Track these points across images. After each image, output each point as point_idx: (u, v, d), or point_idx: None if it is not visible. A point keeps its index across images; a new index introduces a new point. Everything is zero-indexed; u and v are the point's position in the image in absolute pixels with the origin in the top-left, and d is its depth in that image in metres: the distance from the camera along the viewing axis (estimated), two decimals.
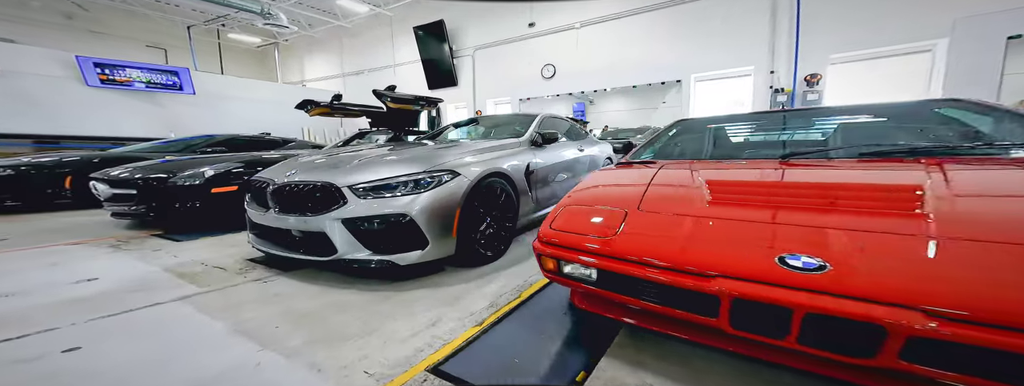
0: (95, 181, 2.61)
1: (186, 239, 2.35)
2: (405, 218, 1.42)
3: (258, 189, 1.74)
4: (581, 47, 6.54)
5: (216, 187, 2.59)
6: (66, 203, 3.44)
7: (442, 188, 1.52)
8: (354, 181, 1.50)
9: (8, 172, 3.16)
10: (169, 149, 4.35)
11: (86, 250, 2.09)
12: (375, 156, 1.77)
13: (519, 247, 2.01)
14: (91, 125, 6.10)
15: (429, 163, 1.60)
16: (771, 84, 5.12)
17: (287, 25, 7.01)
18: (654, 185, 1.14)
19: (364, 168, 1.59)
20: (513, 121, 3.11)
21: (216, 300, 1.40)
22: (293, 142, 5.55)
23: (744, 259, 0.72)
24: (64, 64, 5.91)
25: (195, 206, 2.53)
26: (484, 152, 1.89)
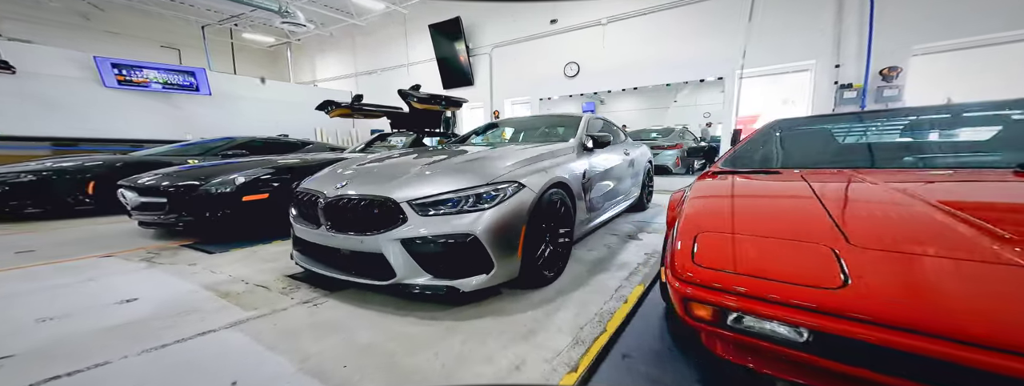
0: (123, 189, 2.56)
1: (218, 251, 2.28)
2: (469, 238, 1.30)
3: (306, 202, 1.63)
4: (608, 44, 6.34)
5: (247, 195, 2.52)
6: (87, 210, 3.41)
7: (507, 203, 1.40)
8: (413, 195, 1.38)
9: (30, 178, 3.14)
10: (190, 152, 4.33)
11: (119, 264, 2.03)
12: (428, 164, 1.66)
13: (574, 264, 1.90)
14: (108, 127, 6.14)
15: (488, 173, 1.48)
16: (836, 79, 4.67)
17: (305, 23, 6.98)
18: (828, 206, 0.92)
19: (421, 180, 1.47)
20: (552, 123, 2.98)
21: (269, 327, 1.30)
22: (311, 144, 5.52)
23: None
24: (82, 65, 5.96)
25: (226, 215, 2.47)
26: (540, 160, 1.76)
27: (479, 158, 1.71)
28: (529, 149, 1.90)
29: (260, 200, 2.56)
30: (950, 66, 4.50)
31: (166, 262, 2.07)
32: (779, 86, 6.66)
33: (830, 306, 0.65)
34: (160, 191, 2.45)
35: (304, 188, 1.70)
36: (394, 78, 9.95)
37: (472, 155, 1.80)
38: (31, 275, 1.86)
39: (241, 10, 7.87)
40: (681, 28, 5.72)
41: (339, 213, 1.48)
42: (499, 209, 1.37)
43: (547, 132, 2.85)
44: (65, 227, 3.03)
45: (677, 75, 5.85)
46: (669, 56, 5.84)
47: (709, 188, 1.26)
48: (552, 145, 2.06)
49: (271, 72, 12.11)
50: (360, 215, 1.43)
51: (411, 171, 1.57)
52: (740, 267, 0.78)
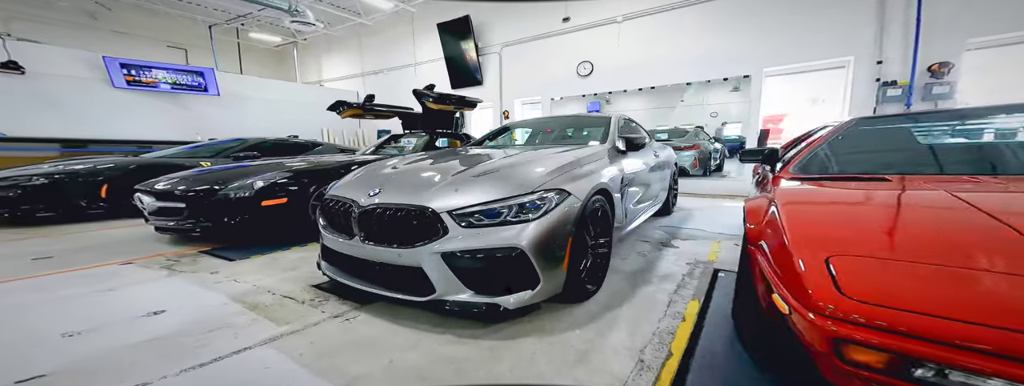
0: (140, 193, 2.52)
1: (238, 257, 2.24)
2: (515, 252, 1.24)
3: (337, 211, 1.56)
4: (623, 42, 6.24)
5: (266, 200, 2.47)
6: (99, 213, 3.38)
7: (553, 213, 1.33)
8: (453, 205, 1.30)
9: (42, 181, 3.11)
10: (202, 154, 4.30)
11: (140, 272, 1.99)
12: (461, 171, 1.58)
13: (612, 274, 1.83)
14: (117, 128, 6.13)
15: (529, 181, 1.40)
16: (877, 76, 4.40)
17: (314, 22, 6.95)
18: (1013, 223, 0.76)
19: (459, 188, 1.39)
20: (577, 123, 2.90)
21: (305, 345, 1.25)
22: (321, 146, 5.49)
23: None
24: (91, 65, 5.95)
25: (245, 220, 2.42)
26: (578, 165, 1.67)
27: (515, 163, 1.64)
28: (563, 153, 1.82)
29: (279, 205, 2.52)
30: (1011, 61, 4.16)
31: (187, 270, 2.02)
32: (807, 84, 6.48)
33: None
34: (178, 196, 2.40)
35: (335, 195, 1.62)
36: (401, 78, 9.92)
37: (505, 160, 1.73)
38: (51, 284, 1.82)
39: (249, 9, 7.86)
40: (702, 25, 5.56)
41: (374, 223, 1.41)
42: (545, 220, 1.30)
43: (571, 134, 2.77)
44: (79, 231, 2.99)
45: (697, 73, 5.68)
46: (689, 54, 5.71)
47: (804, 197, 1.12)
48: (585, 148, 1.99)
49: (277, 72, 12.12)
50: (396, 225, 1.36)
51: (446, 178, 1.50)
52: (924, 303, 0.62)
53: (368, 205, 1.42)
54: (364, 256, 1.44)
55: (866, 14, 4.49)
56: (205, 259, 2.22)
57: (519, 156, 1.80)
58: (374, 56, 10.28)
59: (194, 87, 6.90)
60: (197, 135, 6.76)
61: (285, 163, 3.00)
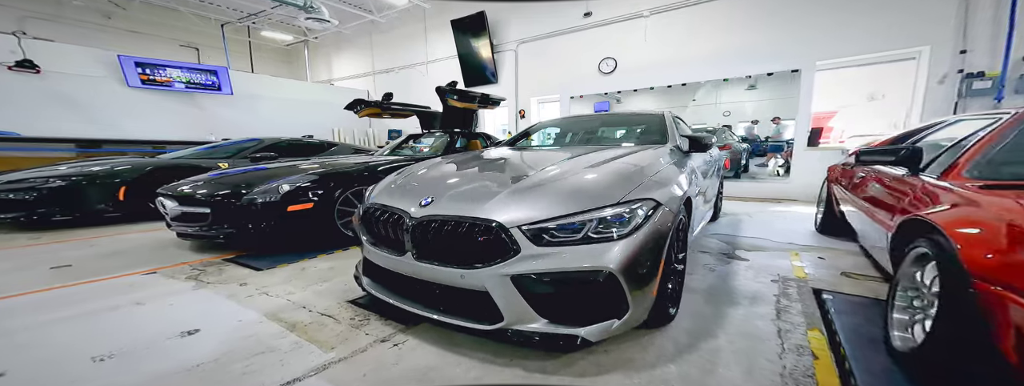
0: (163, 197, 2.43)
1: (265, 266, 2.13)
2: (603, 275, 1.06)
3: (383, 221, 1.39)
4: (650, 37, 6.04)
5: (292, 205, 2.36)
6: (115, 217, 3.31)
7: (645, 228, 1.14)
8: (525, 218, 1.12)
9: (58, 183, 3.05)
10: (219, 155, 4.23)
11: (165, 283, 1.88)
12: (523, 177, 1.41)
13: (687, 294, 1.67)
14: (132, 127, 6.13)
15: (609, 190, 1.22)
16: (960, 67, 3.97)
17: (329, 19, 6.89)
18: None
19: (528, 197, 1.22)
20: (624, 122, 2.66)
21: (357, 377, 1.12)
22: (336, 145, 5.40)
23: None
24: (106, 64, 5.95)
25: (271, 227, 2.31)
26: (655, 170, 1.47)
27: (583, 169, 1.45)
28: (628, 156, 1.64)
29: (305, 210, 2.40)
30: None
31: (214, 281, 1.91)
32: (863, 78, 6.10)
33: None
34: (202, 200, 2.30)
35: (379, 203, 1.44)
36: (412, 76, 9.84)
37: (567, 164, 1.54)
38: (74, 297, 1.72)
39: (262, 7, 7.84)
40: (740, 17, 5.26)
41: (429, 237, 1.24)
42: (637, 236, 1.12)
43: (620, 134, 2.54)
44: (96, 236, 2.92)
45: (735, 69, 5.36)
46: (725, 49, 5.42)
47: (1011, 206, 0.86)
48: (648, 150, 1.80)
49: (287, 71, 12.15)
50: (456, 241, 1.19)
51: (506, 185, 1.33)
52: None
53: (421, 217, 1.25)
54: (416, 275, 1.27)
55: None
56: (231, 268, 2.12)
57: (580, 160, 1.63)
58: (385, 54, 10.22)
59: (208, 86, 6.89)
60: (211, 135, 6.74)
61: (307, 165, 2.89)
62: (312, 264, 2.18)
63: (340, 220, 2.57)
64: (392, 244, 1.36)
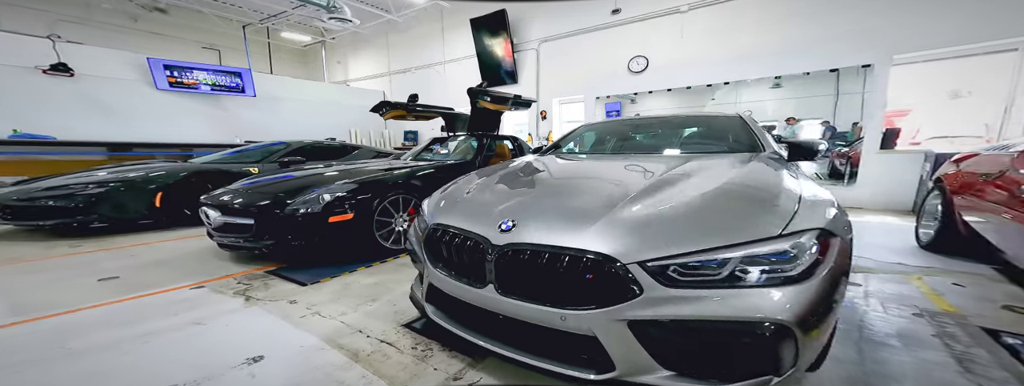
0: (206, 207, 2.40)
1: (308, 280, 2.09)
2: (770, 327, 0.83)
3: (456, 246, 1.21)
4: (688, 34, 5.80)
5: (333, 216, 2.30)
6: (147, 223, 3.34)
7: (824, 266, 0.91)
8: (643, 251, 0.92)
9: (98, 190, 3.08)
10: (248, 159, 4.25)
11: (216, 300, 1.84)
12: (632, 193, 1.18)
13: None
14: (160, 130, 6.26)
15: (759, 214, 1.00)
16: None
17: (351, 19, 6.91)
18: None
19: (644, 222, 1.01)
20: (693, 125, 2.36)
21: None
22: (359, 148, 5.39)
23: None
24: (135, 66, 6.09)
25: (312, 239, 2.26)
26: (791, 184, 1.22)
27: (709, 186, 1.21)
28: (744, 167, 1.40)
29: (345, 221, 2.35)
30: None
31: (263, 297, 1.87)
32: (943, 74, 5.58)
33: None
34: (247, 211, 2.26)
35: (446, 225, 1.27)
36: (429, 77, 9.82)
37: (681, 179, 1.29)
38: (130, 314, 1.69)
39: (284, 7, 7.92)
40: (801, 7, 4.81)
41: (518, 270, 1.05)
42: (814, 279, 0.88)
43: (691, 138, 2.20)
44: (134, 244, 2.94)
45: (792, 65, 4.89)
46: (776, 43, 5.05)
47: None
48: (755, 160, 1.54)
49: (303, 72, 12.31)
50: (556, 277, 0.99)
51: (608, 206, 1.11)
52: None
53: (506, 245, 1.07)
54: (499, 310, 1.09)
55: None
56: (276, 283, 2.07)
57: (681, 174, 1.37)
58: (401, 55, 10.24)
59: (232, 88, 6.99)
60: (236, 138, 6.84)
61: (341, 172, 2.84)
62: (355, 279, 2.12)
63: (378, 231, 2.51)
64: (467, 273, 1.18)
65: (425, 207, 1.56)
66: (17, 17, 7.13)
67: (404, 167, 3.04)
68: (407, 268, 2.31)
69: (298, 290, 1.97)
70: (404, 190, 2.71)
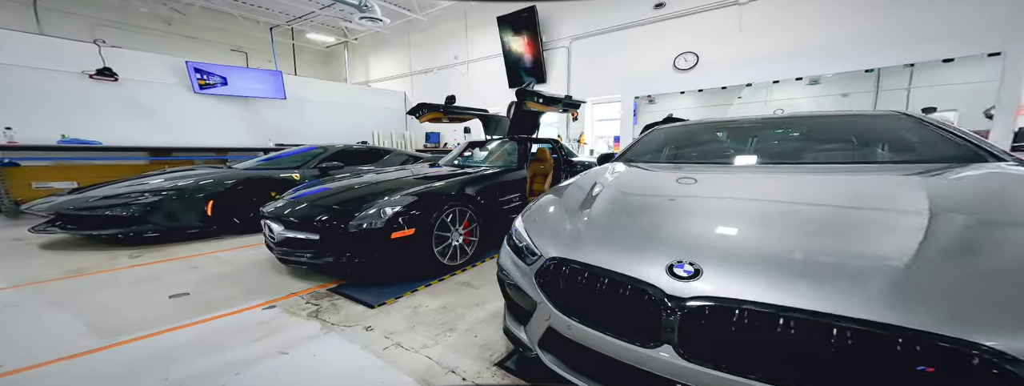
0: (269, 221, 2.38)
1: (373, 300, 2.04)
2: None
3: (602, 291, 0.96)
4: (747, 27, 5.40)
5: (395, 231, 2.23)
6: (196, 233, 3.37)
7: None
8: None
9: (153, 199, 3.12)
10: (288, 164, 4.27)
11: (291, 324, 1.81)
12: (929, 231, 0.86)
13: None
14: (197, 134, 6.42)
15: None
16: None
17: (382, 18, 6.92)
18: None
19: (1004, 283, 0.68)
20: (835, 126, 1.90)
21: None
22: (392, 152, 5.37)
23: None
24: (174, 70, 6.25)
25: (374, 256, 2.20)
26: None
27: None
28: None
29: (407, 237, 2.27)
30: None
31: (337, 321, 1.82)
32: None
33: None
34: (312, 226, 2.22)
35: (575, 260, 1.04)
36: (451, 77, 9.78)
37: (946, 206, 0.97)
38: (211, 338, 1.67)
39: (311, 9, 7.99)
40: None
41: (727, 334, 0.78)
42: None
43: (839, 144, 1.79)
44: (190, 255, 2.97)
45: (881, 57, 4.35)
46: (863, 32, 4.60)
47: None
48: (1005, 170, 1.24)
49: (325, 73, 12.48)
50: (820, 353, 0.70)
51: (905, 250, 0.79)
52: None
53: (697, 300, 0.81)
54: (680, 379, 0.83)
55: None
56: (344, 304, 2.02)
57: (952, 197, 1.06)
58: (423, 54, 10.24)
59: (265, 91, 7.11)
60: (268, 141, 6.96)
61: (392, 181, 2.77)
62: (420, 301, 2.05)
63: (437, 247, 2.43)
64: (620, 326, 0.93)
65: (522, 229, 1.33)
66: (58, 22, 7.43)
67: (457, 176, 2.95)
68: (468, 288, 2.23)
69: (368, 313, 1.91)
70: (460, 201, 2.62)
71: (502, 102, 8.87)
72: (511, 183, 3.23)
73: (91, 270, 2.54)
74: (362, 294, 2.13)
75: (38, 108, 5.06)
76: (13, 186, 4.42)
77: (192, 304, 2.01)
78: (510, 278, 1.26)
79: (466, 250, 2.66)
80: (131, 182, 3.48)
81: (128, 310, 1.94)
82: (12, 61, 4.89)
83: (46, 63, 5.12)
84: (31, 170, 4.54)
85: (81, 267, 2.60)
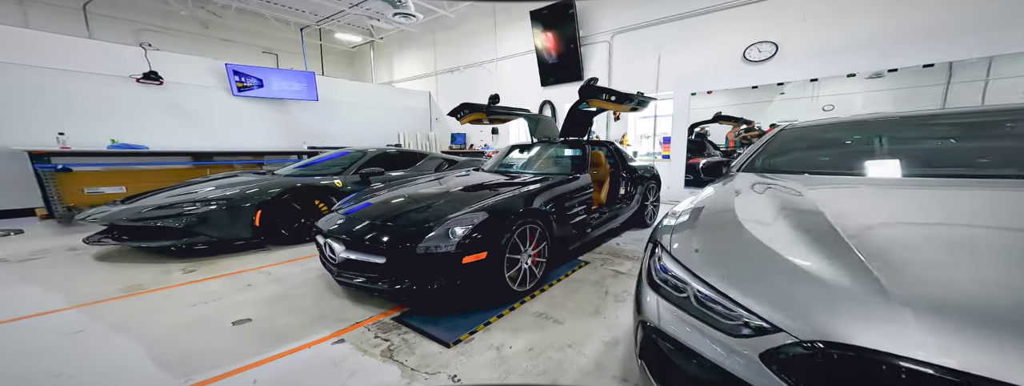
0: (329, 239, 2.24)
1: (446, 336, 1.85)
2: None
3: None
4: (847, 10, 4.80)
5: (468, 255, 2.02)
6: (242, 244, 3.31)
7: None
8: None
9: (203, 209, 3.07)
10: (328, 169, 4.18)
11: (368, 365, 1.65)
12: None
13: None
14: (236, 137, 6.53)
15: None
16: None
17: (415, 14, 6.81)
18: None
19: None
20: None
21: None
22: (426, 155, 5.23)
23: None
24: (214, 72, 6.36)
25: (445, 284, 2.00)
26: None
27: None
28: None
29: (478, 262, 2.06)
30: None
31: (416, 366, 1.64)
32: None
33: None
34: (376, 247, 2.05)
35: (886, 352, 0.66)
36: (478, 75, 9.60)
37: None
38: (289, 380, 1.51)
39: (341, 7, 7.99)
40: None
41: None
42: None
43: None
44: (241, 269, 2.90)
45: None
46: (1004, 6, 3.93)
47: None
48: None
49: (350, 74, 12.60)
50: None
51: None
52: None
53: None
54: None
55: None
56: (416, 340, 1.85)
57: None
58: (448, 53, 10.11)
59: (298, 92, 7.16)
60: (302, 144, 7.01)
61: (449, 192, 2.57)
62: (501, 339, 1.84)
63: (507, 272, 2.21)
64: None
65: (717, 281, 0.92)
66: (106, 26, 7.77)
67: (520, 186, 2.71)
68: (551, 323, 2.01)
69: (447, 356, 1.71)
70: (530, 217, 2.38)
71: (532, 101, 8.63)
72: (578, 193, 2.97)
73: (148, 287, 2.49)
74: (431, 327, 1.94)
75: (87, 112, 5.23)
76: (66, 192, 4.57)
77: (257, 333, 1.88)
78: (688, 351, 0.89)
79: (535, 273, 2.43)
80: (179, 191, 3.46)
81: (194, 339, 1.84)
82: (64, 66, 5.06)
83: (96, 67, 5.29)
84: (82, 175, 4.68)
85: (138, 283, 2.56)
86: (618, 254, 3.25)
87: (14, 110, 4.71)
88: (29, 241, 3.71)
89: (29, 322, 1.98)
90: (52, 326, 1.94)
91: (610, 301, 2.27)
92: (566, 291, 2.43)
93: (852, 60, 4.79)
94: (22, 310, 2.11)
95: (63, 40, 5.11)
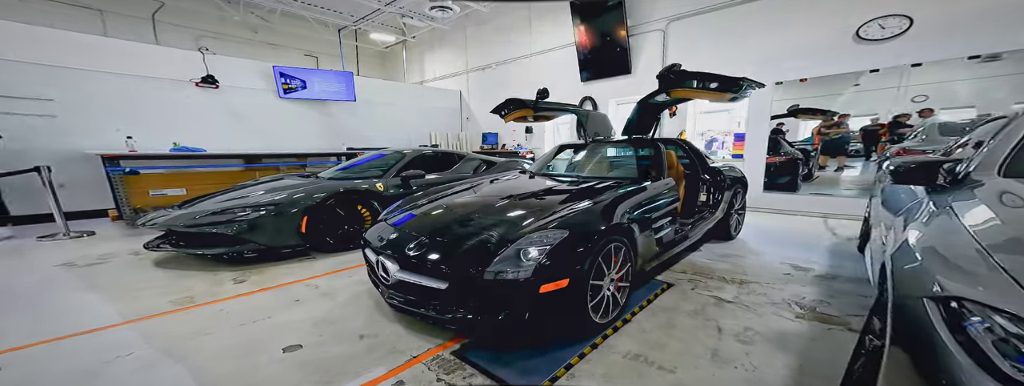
0: (381, 257, 1.98)
1: (523, 382, 1.48)
2: None
3: None
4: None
5: (546, 283, 1.66)
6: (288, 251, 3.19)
7: None
8: None
9: (252, 215, 2.98)
10: (370, 174, 4.01)
11: None
12: None
13: None
14: (281, 139, 6.69)
15: None
16: None
17: (452, 7, 6.59)
18: None
19: None
20: None
21: None
22: (463, 156, 4.94)
23: None
24: (263, 75, 6.53)
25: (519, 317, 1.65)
26: None
27: None
28: None
29: (558, 290, 1.69)
30: None
31: None
32: None
33: None
34: (439, 271, 1.75)
35: None
36: (510, 72, 9.21)
37: None
38: None
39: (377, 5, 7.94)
40: None
41: None
42: None
43: None
44: (289, 280, 2.76)
45: None
46: None
47: None
48: None
49: (382, 74, 12.74)
50: None
51: None
52: None
53: None
54: None
55: None
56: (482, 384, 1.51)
57: None
58: (479, 50, 9.80)
59: (337, 93, 7.21)
60: (342, 145, 7.05)
61: (546, 203, 2.18)
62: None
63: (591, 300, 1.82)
64: None
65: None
66: (170, 33, 8.34)
67: (595, 193, 2.30)
68: (652, 369, 1.61)
69: None
70: (615, 234, 1.97)
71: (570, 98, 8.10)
72: (660, 200, 2.51)
73: (199, 299, 2.40)
74: (501, 369, 1.61)
75: (150, 116, 5.51)
76: (133, 194, 4.80)
77: (309, 364, 1.66)
78: None
79: (618, 299, 2.03)
80: (231, 195, 3.43)
81: (247, 370, 1.64)
82: (133, 71, 5.34)
83: (160, 72, 5.55)
84: (147, 178, 4.90)
85: (190, 294, 2.48)
86: (707, 274, 2.74)
87: (88, 115, 5.03)
88: (98, 243, 3.88)
89: (79, 341, 1.90)
90: (100, 346, 1.84)
91: (729, 342, 1.81)
92: (657, 324, 2.00)
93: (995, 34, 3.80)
94: (77, 324, 2.06)
95: (130, 46, 5.40)
